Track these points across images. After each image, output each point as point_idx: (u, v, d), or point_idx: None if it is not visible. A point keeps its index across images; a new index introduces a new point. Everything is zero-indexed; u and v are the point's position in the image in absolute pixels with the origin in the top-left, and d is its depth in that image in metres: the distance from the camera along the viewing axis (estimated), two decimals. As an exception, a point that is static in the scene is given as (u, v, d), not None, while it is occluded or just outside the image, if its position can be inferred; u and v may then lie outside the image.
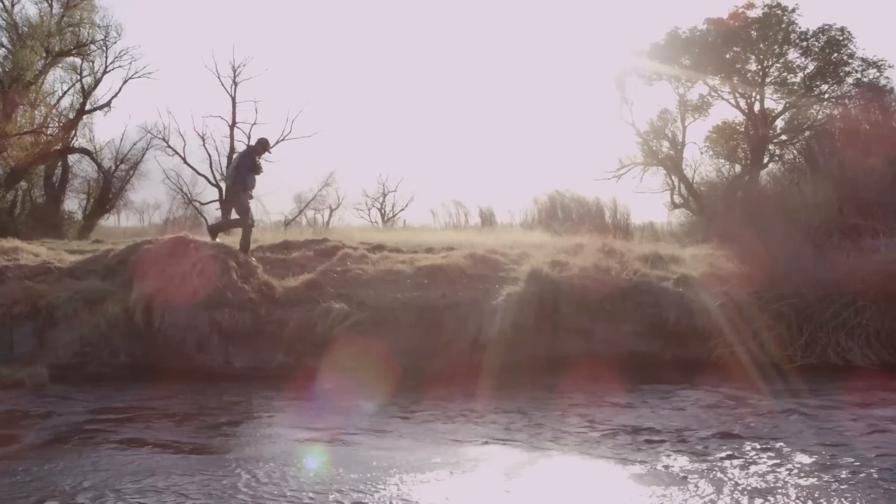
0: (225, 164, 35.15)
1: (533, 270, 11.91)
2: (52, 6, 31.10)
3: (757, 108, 32.13)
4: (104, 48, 32.45)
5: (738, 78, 31.83)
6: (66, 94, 32.43)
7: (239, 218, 13.46)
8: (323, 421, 8.33)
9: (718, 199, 26.28)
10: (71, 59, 32.10)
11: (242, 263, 12.29)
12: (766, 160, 31.12)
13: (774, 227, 12.87)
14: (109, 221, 37.71)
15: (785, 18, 30.87)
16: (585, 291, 11.60)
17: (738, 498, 5.58)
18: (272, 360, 11.18)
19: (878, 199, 13.65)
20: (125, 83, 33.12)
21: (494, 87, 68.93)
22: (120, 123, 77.06)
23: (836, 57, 30.52)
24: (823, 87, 31.02)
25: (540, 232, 19.72)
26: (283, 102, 63.68)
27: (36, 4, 30.86)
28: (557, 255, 12.95)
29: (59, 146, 31.41)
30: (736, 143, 33.05)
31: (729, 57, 31.50)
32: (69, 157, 33.14)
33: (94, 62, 32.64)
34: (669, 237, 24.14)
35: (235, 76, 35.12)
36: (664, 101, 33.68)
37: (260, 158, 13.28)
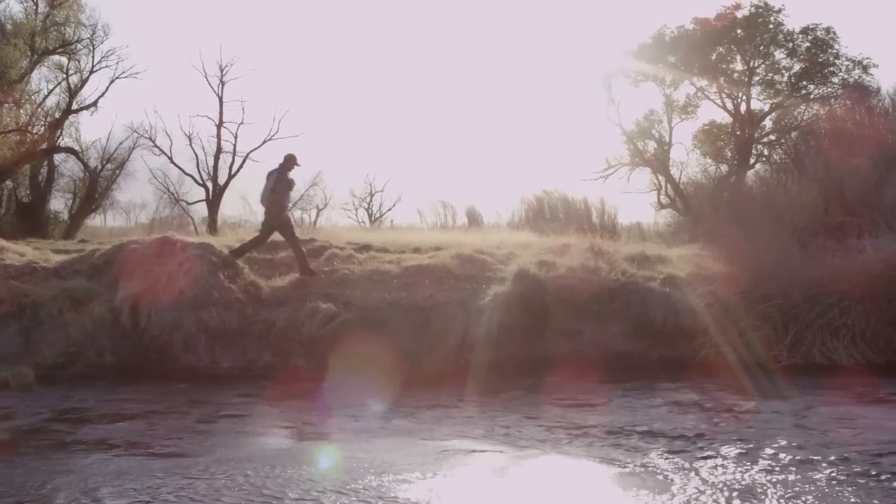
0: (212, 163, 35.09)
1: (520, 270, 11.92)
2: (37, 5, 31.03)
3: (743, 108, 32.25)
4: (91, 48, 32.44)
5: (724, 78, 31.94)
6: (51, 92, 32.38)
7: (286, 236, 13.06)
8: (308, 422, 8.34)
9: (705, 199, 26.30)
10: (57, 57, 32.03)
11: (229, 263, 12.27)
12: (752, 160, 31.24)
13: (760, 227, 12.92)
14: (96, 221, 37.65)
15: (772, 19, 30.97)
16: (572, 291, 11.62)
17: (722, 497, 5.60)
18: (259, 360, 11.16)
19: (862, 199, 13.75)
20: (112, 83, 33.18)
21: (482, 87, 69.33)
22: (106, 123, 76.89)
23: (822, 58, 30.65)
24: (810, 87, 31.14)
25: (527, 232, 19.69)
26: (270, 102, 63.62)
27: (21, 3, 30.78)
28: (544, 255, 12.97)
29: (45, 145, 31.28)
30: (722, 143, 33.16)
31: (715, 57, 31.59)
32: (55, 156, 33.02)
33: (80, 61, 32.59)
34: (656, 237, 24.16)
35: (223, 75, 35.07)
36: (651, 101, 33.83)
37: (290, 173, 13.09)
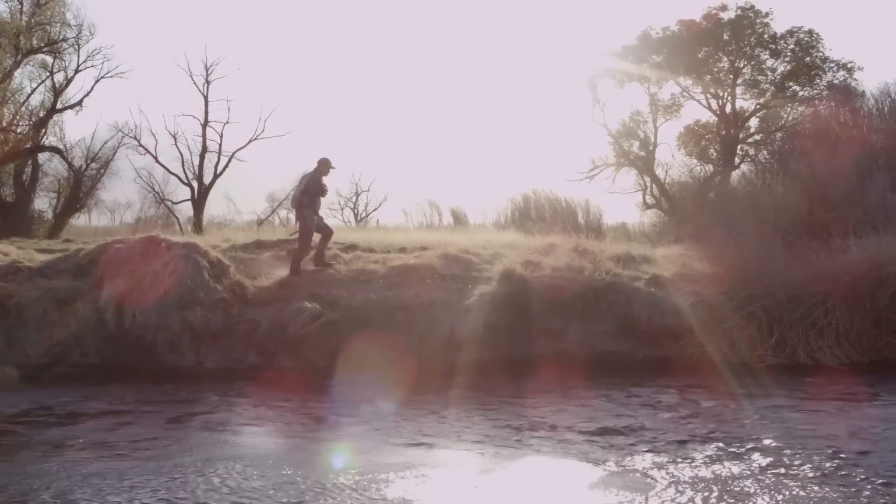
0: (197, 163, 34.95)
1: (506, 270, 11.94)
2: (22, 4, 30.78)
3: (728, 108, 32.34)
4: (76, 47, 32.25)
5: (709, 77, 32.00)
6: (35, 91, 32.15)
7: (316, 237, 13.14)
8: (291, 422, 8.31)
9: (690, 199, 26.47)
10: (41, 56, 31.80)
11: (214, 263, 12.24)
12: (737, 161, 31.33)
13: (745, 227, 13.01)
14: (80, 221, 37.39)
15: (758, 22, 31.05)
16: (558, 291, 11.64)
17: (705, 497, 5.62)
18: (244, 360, 11.14)
19: (846, 199, 13.85)
20: (97, 82, 32.97)
21: (468, 87, 69.23)
22: (91, 122, 76.53)
23: (808, 60, 30.76)
24: (796, 88, 31.25)
25: (513, 232, 19.67)
26: (255, 101, 63.26)
27: (6, 2, 30.60)
28: (530, 255, 12.99)
29: (29, 144, 31.06)
30: (707, 142, 33.23)
31: (700, 56, 31.64)
32: (39, 155, 32.76)
33: (65, 60, 32.40)
34: (641, 237, 24.17)
35: (208, 75, 34.84)
36: (636, 102, 33.84)
37: (324, 178, 13.04)
